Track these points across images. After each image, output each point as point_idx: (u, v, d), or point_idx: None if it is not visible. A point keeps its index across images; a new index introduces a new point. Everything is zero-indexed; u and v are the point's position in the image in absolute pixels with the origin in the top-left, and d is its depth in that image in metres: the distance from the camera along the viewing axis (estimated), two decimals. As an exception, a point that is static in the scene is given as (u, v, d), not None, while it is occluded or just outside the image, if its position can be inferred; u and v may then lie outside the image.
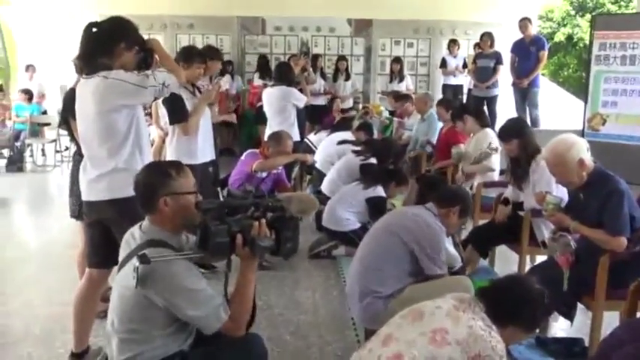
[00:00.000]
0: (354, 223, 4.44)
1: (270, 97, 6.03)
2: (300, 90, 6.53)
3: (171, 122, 3.98)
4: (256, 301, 2.13)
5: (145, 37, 2.92)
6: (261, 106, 6.49)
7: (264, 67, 9.76)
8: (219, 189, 4.66)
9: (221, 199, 4.09)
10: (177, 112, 3.85)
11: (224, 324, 2.02)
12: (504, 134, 3.98)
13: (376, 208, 4.32)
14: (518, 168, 3.87)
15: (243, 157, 4.80)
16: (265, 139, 5.48)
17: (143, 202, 2.13)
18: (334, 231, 4.55)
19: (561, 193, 3.38)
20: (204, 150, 4.12)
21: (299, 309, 3.68)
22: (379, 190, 4.47)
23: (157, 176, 2.11)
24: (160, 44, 2.98)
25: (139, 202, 2.15)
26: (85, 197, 2.81)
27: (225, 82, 8.93)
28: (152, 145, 4.19)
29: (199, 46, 10.14)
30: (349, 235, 4.41)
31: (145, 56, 2.85)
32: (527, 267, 3.77)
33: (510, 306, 2.08)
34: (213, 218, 2.00)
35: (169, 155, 4.08)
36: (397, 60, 9.66)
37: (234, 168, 4.81)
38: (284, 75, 6.10)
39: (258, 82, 9.60)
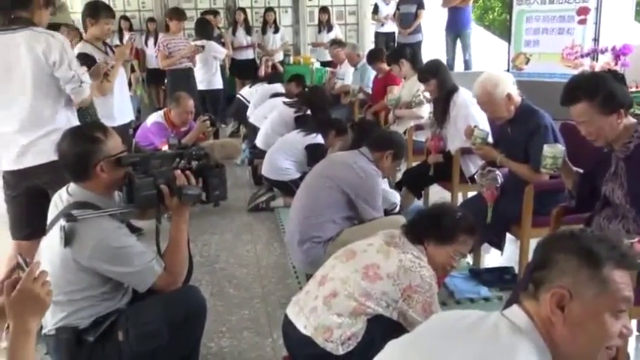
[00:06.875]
0: (294, 172, 4.43)
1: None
2: (223, 44, 7.43)
3: None
4: (198, 257, 2.13)
5: None
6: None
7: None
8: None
9: None
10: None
11: (160, 278, 2.01)
12: (423, 75, 4.16)
13: (315, 155, 4.29)
14: (439, 108, 4.00)
15: (148, 125, 4.71)
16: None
17: (76, 172, 2.01)
18: (274, 180, 4.54)
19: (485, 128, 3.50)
20: (122, 111, 3.98)
21: (240, 263, 3.68)
22: (319, 139, 4.47)
23: (86, 143, 1.99)
24: None
25: (69, 173, 2.04)
26: (13, 167, 2.73)
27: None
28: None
29: (118, 4, 9.88)
30: (289, 184, 4.39)
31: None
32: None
33: (427, 223, 2.17)
34: (138, 172, 1.98)
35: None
36: (324, 9, 9.51)
37: (140, 129, 4.81)
38: (203, 29, 6.99)
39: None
